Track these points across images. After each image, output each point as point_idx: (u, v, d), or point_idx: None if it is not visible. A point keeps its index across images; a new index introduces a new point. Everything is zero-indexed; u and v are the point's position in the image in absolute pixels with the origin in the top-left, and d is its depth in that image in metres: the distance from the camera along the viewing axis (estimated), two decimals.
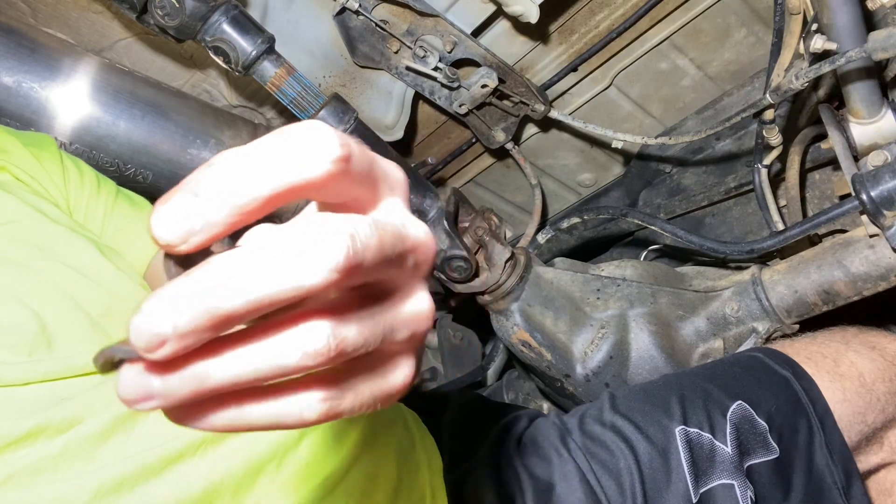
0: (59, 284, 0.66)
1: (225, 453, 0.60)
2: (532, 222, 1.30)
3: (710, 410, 0.85)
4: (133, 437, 0.59)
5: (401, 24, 1.13)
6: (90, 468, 0.56)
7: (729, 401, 0.86)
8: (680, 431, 0.82)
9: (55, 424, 0.56)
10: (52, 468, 0.55)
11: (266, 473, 0.61)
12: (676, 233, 1.09)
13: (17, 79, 0.96)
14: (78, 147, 1.01)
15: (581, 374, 1.08)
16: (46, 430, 0.56)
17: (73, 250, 0.71)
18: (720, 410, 0.85)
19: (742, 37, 1.34)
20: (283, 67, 0.90)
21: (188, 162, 1.09)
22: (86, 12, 1.08)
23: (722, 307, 1.04)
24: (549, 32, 1.25)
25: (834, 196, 1.24)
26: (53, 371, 0.59)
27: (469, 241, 1.06)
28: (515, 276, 1.09)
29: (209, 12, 0.86)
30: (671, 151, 1.50)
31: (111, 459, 0.57)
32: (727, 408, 0.85)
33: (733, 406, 0.85)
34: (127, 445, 0.59)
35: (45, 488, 0.53)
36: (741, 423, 0.84)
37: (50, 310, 0.63)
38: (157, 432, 0.60)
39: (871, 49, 0.78)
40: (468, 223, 1.08)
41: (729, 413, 0.85)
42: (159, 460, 0.58)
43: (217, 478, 0.59)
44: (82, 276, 0.69)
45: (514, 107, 1.31)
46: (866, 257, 0.92)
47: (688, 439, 0.82)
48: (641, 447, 0.82)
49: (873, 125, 0.94)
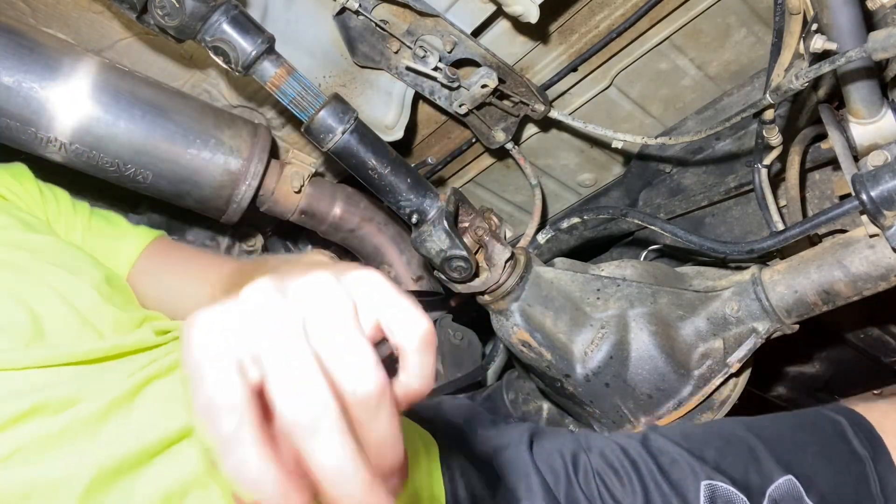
0: (50, 283, 0.70)
1: None
2: (532, 222, 1.30)
3: (749, 476, 0.74)
4: (133, 418, 0.62)
5: (401, 24, 1.13)
6: (92, 446, 0.58)
7: (777, 473, 0.75)
8: (706, 486, 0.73)
9: (54, 403, 0.59)
10: (56, 444, 0.57)
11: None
12: (676, 233, 1.09)
13: (17, 79, 0.96)
14: (78, 147, 1.01)
15: (581, 374, 1.08)
16: (46, 408, 0.59)
17: (60, 253, 0.76)
18: (762, 479, 0.74)
19: (742, 37, 1.34)
20: (283, 67, 0.90)
21: (188, 162, 1.09)
22: (86, 12, 1.08)
23: (722, 307, 1.04)
24: (549, 32, 1.25)
25: (834, 196, 1.24)
26: (48, 357, 0.62)
27: (469, 241, 1.06)
28: (515, 276, 1.09)
29: (209, 12, 0.86)
30: (671, 151, 1.50)
31: (112, 438, 0.59)
32: (771, 481, 0.74)
33: (780, 480, 0.74)
34: (127, 426, 0.61)
35: (51, 464, 0.56)
36: (784, 500, 0.73)
37: (43, 306, 0.67)
38: (156, 414, 0.62)
39: (871, 49, 0.78)
40: (468, 223, 1.08)
41: (771, 488, 0.74)
42: (159, 440, 0.60)
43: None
44: (70, 275, 0.73)
45: (514, 107, 1.31)
46: (866, 257, 0.92)
47: (712, 496, 0.73)
48: (653, 488, 0.75)
49: (873, 125, 0.94)
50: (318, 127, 0.91)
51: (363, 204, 1.38)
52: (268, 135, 1.19)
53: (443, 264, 1.01)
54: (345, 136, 0.91)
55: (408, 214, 0.99)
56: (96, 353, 0.65)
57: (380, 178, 0.95)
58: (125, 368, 0.66)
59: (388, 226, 1.41)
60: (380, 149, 0.95)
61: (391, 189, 0.96)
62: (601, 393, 1.08)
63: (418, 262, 1.44)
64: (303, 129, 0.93)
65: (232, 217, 1.19)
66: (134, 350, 0.69)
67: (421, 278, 1.45)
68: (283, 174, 1.27)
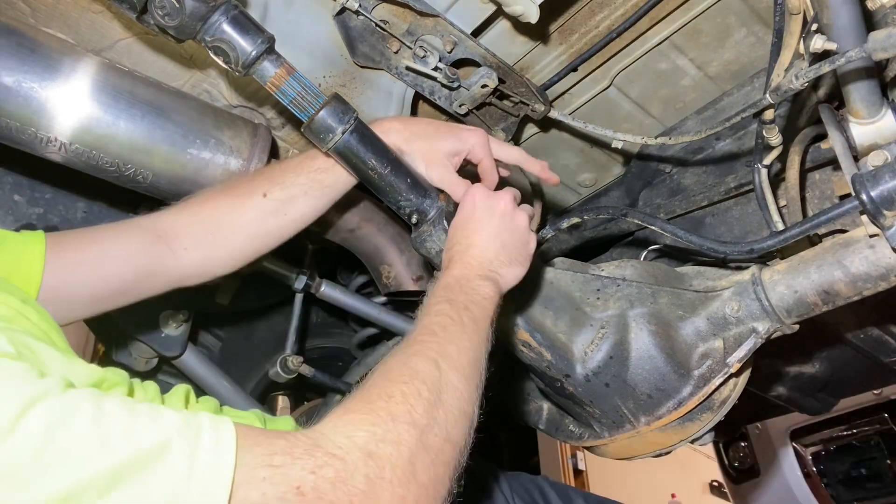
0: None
1: None
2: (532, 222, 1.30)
3: None
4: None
5: (401, 24, 1.13)
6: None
7: None
8: None
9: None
10: None
11: None
12: (676, 233, 1.08)
13: (17, 79, 0.95)
14: (78, 147, 1.01)
15: (581, 374, 1.08)
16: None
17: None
18: None
19: (742, 37, 1.34)
20: (283, 67, 0.90)
21: (188, 162, 1.09)
22: (86, 12, 1.08)
23: (722, 307, 1.04)
24: (549, 32, 1.25)
25: (834, 196, 1.24)
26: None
27: None
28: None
29: (209, 12, 0.85)
30: (671, 151, 1.50)
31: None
32: None
33: None
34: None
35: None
36: None
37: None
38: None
39: (871, 49, 0.78)
40: None
41: None
42: None
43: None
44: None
45: (514, 107, 1.31)
46: (866, 257, 0.92)
47: None
48: None
49: (873, 125, 0.94)
50: (318, 127, 0.91)
51: (363, 204, 1.38)
52: (268, 135, 1.19)
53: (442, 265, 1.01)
54: (345, 136, 0.91)
55: (408, 214, 0.99)
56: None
57: (380, 178, 0.95)
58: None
59: (388, 226, 1.41)
60: (380, 149, 0.95)
61: (391, 189, 0.96)
62: (601, 393, 1.08)
63: (418, 262, 1.44)
64: (303, 129, 0.93)
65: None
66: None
67: (421, 278, 1.45)
68: None
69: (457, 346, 0.77)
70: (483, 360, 0.81)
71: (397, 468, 0.61)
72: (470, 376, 0.76)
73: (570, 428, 1.26)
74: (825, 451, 2.96)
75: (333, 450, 0.60)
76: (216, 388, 1.50)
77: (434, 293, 0.86)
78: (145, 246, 0.95)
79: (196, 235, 1.00)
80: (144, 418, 0.54)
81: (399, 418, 0.65)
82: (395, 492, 0.60)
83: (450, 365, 0.74)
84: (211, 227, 1.00)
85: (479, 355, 0.80)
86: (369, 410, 0.65)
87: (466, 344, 0.79)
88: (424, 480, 0.63)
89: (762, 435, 3.07)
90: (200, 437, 0.54)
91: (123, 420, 0.53)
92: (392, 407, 0.66)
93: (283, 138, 1.33)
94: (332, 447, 0.60)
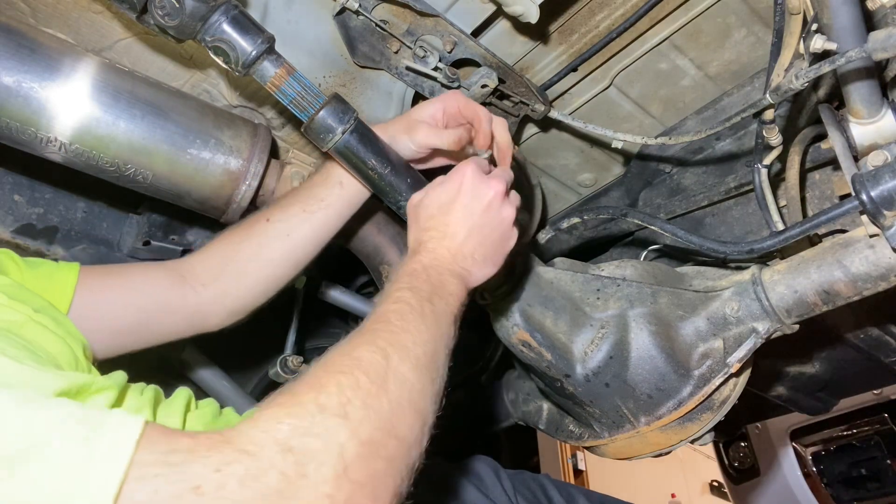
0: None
1: None
2: (532, 222, 1.30)
3: None
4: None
5: (401, 24, 1.13)
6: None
7: None
8: None
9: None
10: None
11: None
12: (676, 233, 1.08)
13: (17, 79, 0.95)
14: (78, 147, 1.01)
15: (581, 374, 1.08)
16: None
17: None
18: None
19: (742, 37, 1.34)
20: (283, 67, 0.90)
21: (188, 162, 1.09)
22: (86, 12, 1.08)
23: (722, 307, 1.04)
24: (549, 32, 1.25)
25: (834, 196, 1.24)
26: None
27: None
28: (515, 277, 1.09)
29: (209, 12, 0.86)
30: (671, 151, 1.50)
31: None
32: None
33: None
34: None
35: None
36: None
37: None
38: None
39: (871, 49, 0.78)
40: None
41: None
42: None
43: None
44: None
45: (514, 107, 1.31)
46: (866, 257, 0.92)
47: None
48: None
49: (873, 125, 0.94)
50: (318, 127, 0.91)
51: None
52: (268, 135, 1.19)
53: None
54: (345, 136, 0.91)
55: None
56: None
57: (380, 177, 0.95)
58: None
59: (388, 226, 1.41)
60: (380, 149, 0.95)
61: (391, 189, 0.96)
62: (601, 393, 1.08)
63: None
64: (303, 129, 0.93)
65: (232, 217, 1.18)
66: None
67: None
68: (284, 174, 1.27)
69: (413, 336, 0.72)
70: (443, 356, 0.76)
71: (323, 464, 0.56)
72: (425, 369, 0.71)
73: (570, 428, 1.26)
74: (825, 451, 2.96)
75: (245, 446, 0.54)
76: (216, 388, 1.50)
77: (397, 278, 0.81)
78: (168, 282, 1.00)
79: (211, 270, 1.03)
80: (29, 414, 0.51)
81: (328, 410, 0.59)
82: (319, 490, 0.55)
83: (402, 355, 0.69)
84: (223, 259, 1.04)
85: (439, 349, 0.75)
86: (295, 403, 0.60)
87: (425, 336, 0.73)
88: (359, 477, 0.58)
89: (762, 435, 3.07)
90: (98, 432, 0.51)
91: (7, 415, 0.50)
92: (322, 398, 0.60)
93: (284, 138, 1.33)
94: (243, 443, 0.55)
